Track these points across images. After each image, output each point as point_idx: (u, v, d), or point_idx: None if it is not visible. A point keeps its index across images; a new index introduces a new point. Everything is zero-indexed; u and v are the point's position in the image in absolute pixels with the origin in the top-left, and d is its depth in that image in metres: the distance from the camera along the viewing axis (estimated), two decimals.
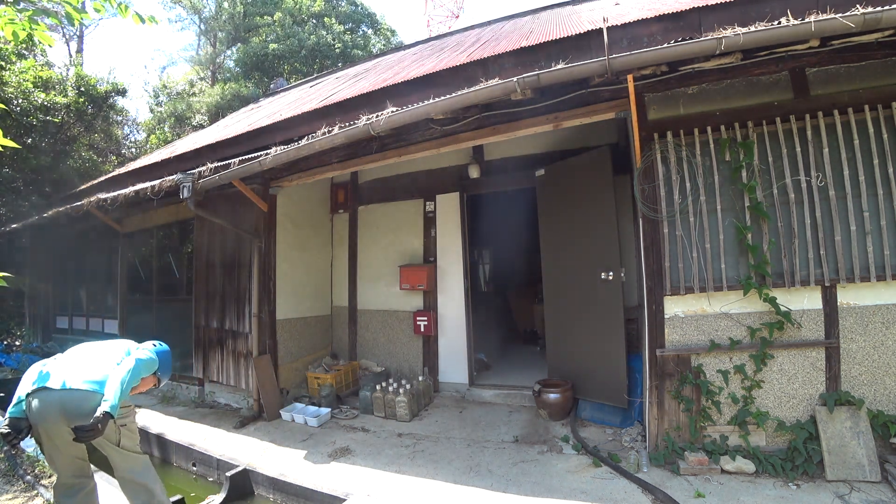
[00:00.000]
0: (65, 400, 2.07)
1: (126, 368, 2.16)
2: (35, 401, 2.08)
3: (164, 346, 2.65)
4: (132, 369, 2.17)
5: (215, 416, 4.71)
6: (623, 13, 3.93)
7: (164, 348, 2.64)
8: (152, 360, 2.43)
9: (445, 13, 20.73)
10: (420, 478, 3.17)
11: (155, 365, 2.46)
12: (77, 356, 2.31)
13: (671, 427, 3.17)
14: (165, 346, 2.66)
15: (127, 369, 2.15)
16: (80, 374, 2.16)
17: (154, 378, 2.52)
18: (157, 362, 2.47)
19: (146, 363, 2.36)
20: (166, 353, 2.63)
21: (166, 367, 2.61)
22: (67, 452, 2.22)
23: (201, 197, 4.31)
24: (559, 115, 3.50)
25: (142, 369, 2.30)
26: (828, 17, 2.37)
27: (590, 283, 4.11)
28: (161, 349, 2.60)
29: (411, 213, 5.54)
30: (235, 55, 17.12)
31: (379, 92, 3.97)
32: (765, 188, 3.08)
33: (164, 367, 2.57)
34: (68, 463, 2.26)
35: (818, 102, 3.01)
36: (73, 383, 2.11)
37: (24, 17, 2.46)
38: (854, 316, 2.92)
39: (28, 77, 8.41)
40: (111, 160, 11.56)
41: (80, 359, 2.29)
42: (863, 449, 2.74)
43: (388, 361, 5.50)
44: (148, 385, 2.52)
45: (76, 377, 2.14)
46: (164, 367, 2.58)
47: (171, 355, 2.68)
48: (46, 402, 2.07)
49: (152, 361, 2.43)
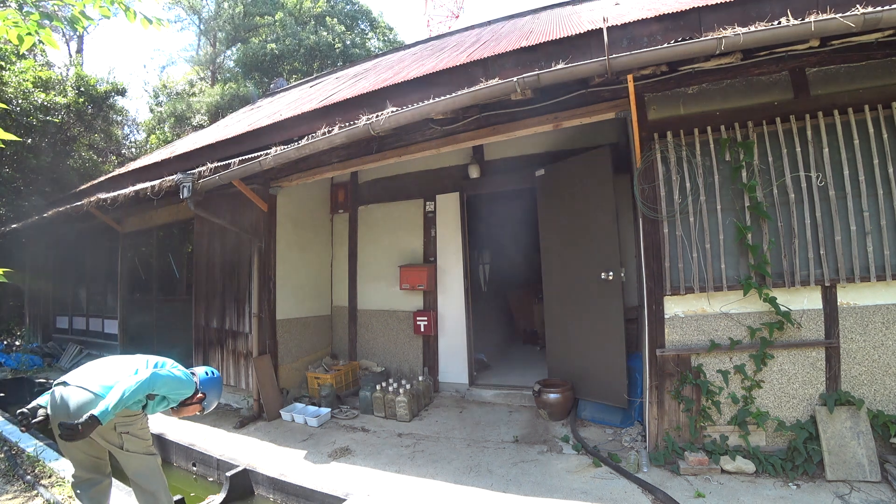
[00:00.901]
0: (74, 398, 2.12)
1: (136, 380, 2.14)
2: (55, 393, 2.16)
3: (215, 375, 2.63)
4: (142, 381, 2.15)
5: (215, 416, 4.70)
6: (623, 13, 3.93)
7: (215, 377, 2.62)
8: (179, 381, 2.35)
9: (445, 13, 20.70)
10: (420, 478, 3.17)
11: (186, 387, 2.40)
12: (108, 361, 2.38)
13: (671, 427, 3.17)
14: (217, 375, 2.65)
15: (137, 381, 2.14)
16: (99, 377, 2.21)
17: (198, 406, 2.53)
18: (190, 385, 2.42)
19: (169, 381, 2.28)
20: (215, 381, 2.60)
21: (214, 394, 2.59)
22: (76, 447, 2.26)
23: (201, 197, 4.30)
24: (559, 115, 3.50)
25: (160, 385, 2.23)
26: (828, 17, 2.37)
27: (590, 283, 4.11)
28: (210, 377, 2.59)
29: (411, 213, 5.54)
30: (235, 55, 17.13)
31: (379, 92, 3.97)
32: (765, 188, 3.08)
33: (210, 394, 2.56)
34: (80, 457, 2.31)
35: (818, 102, 3.01)
36: (88, 384, 2.16)
37: (30, 21, 2.46)
38: (854, 316, 2.92)
39: (28, 77, 8.43)
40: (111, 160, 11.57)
41: (108, 364, 2.34)
42: (863, 449, 2.74)
43: (388, 361, 5.50)
44: (191, 412, 2.53)
45: (94, 379, 2.19)
46: (211, 394, 2.57)
47: (220, 384, 2.65)
48: (61, 396, 2.14)
49: (179, 382, 2.35)
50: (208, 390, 2.56)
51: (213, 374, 2.63)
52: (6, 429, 4.17)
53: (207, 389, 2.55)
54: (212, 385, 2.59)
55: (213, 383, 2.60)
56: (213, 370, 2.66)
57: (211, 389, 2.57)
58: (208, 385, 2.56)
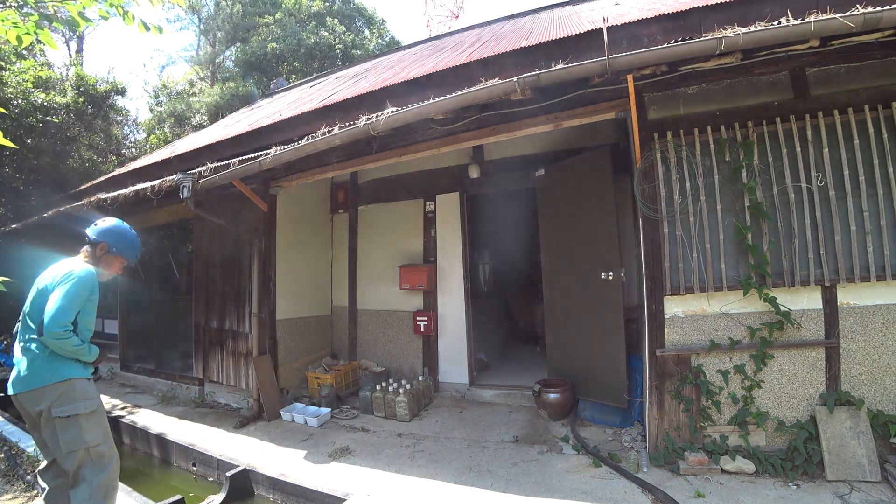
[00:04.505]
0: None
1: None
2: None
3: (111, 224, 2.43)
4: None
5: (215, 416, 4.71)
6: (623, 13, 3.93)
7: (109, 226, 2.41)
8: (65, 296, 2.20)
9: (445, 13, 20.72)
10: (420, 478, 3.17)
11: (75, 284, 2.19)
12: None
13: (671, 427, 3.17)
14: (114, 222, 2.45)
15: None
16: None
17: (114, 257, 2.41)
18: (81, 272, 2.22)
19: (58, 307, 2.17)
20: (112, 227, 2.41)
21: (117, 237, 2.40)
22: None
23: (201, 197, 4.30)
24: (559, 115, 3.50)
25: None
26: (828, 17, 2.37)
27: (590, 283, 4.11)
28: (105, 228, 2.39)
29: (411, 213, 5.54)
30: (235, 55, 17.13)
31: (379, 92, 3.97)
32: (765, 188, 3.08)
33: (114, 239, 2.39)
34: None
35: (818, 102, 3.01)
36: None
37: (29, 21, 2.46)
38: (854, 316, 2.92)
39: (28, 77, 8.42)
40: (111, 160, 11.55)
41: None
42: (863, 449, 2.75)
43: (388, 361, 5.50)
44: (114, 269, 2.43)
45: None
46: (115, 238, 2.39)
47: (120, 228, 2.44)
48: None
49: (67, 296, 2.20)
50: (106, 236, 2.37)
51: (104, 221, 2.42)
52: (6, 429, 4.17)
53: (105, 237, 2.37)
54: (106, 228, 2.38)
55: (107, 226, 2.39)
56: (104, 218, 2.46)
57: (108, 233, 2.38)
58: (102, 231, 2.37)
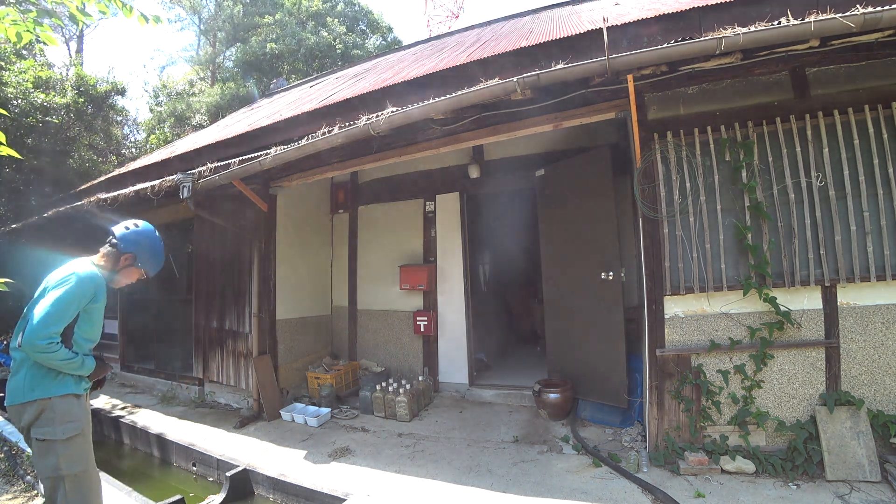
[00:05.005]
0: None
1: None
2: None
3: (141, 227, 2.19)
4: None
5: (215, 416, 4.70)
6: (623, 13, 3.93)
7: (141, 229, 2.18)
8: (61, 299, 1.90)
9: (445, 13, 20.73)
10: (420, 478, 3.17)
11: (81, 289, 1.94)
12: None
13: (671, 427, 3.17)
14: (145, 226, 2.21)
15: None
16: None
17: (135, 269, 2.20)
18: (86, 282, 1.98)
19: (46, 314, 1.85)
20: (142, 234, 2.15)
21: (145, 248, 2.16)
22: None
23: (201, 197, 4.31)
24: (559, 115, 3.50)
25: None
26: (828, 17, 2.37)
27: (590, 283, 4.11)
28: (134, 231, 2.15)
29: (411, 213, 5.54)
30: (235, 55, 17.13)
31: (379, 92, 3.97)
32: (765, 188, 3.08)
33: (141, 250, 2.15)
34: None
35: (818, 102, 3.01)
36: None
37: (27, 18, 2.46)
38: (854, 316, 2.92)
39: (28, 77, 8.41)
40: (111, 160, 11.55)
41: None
42: (863, 449, 2.74)
43: (388, 361, 5.50)
44: (131, 277, 2.21)
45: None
46: (142, 250, 2.15)
47: (151, 236, 2.20)
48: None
49: (64, 298, 1.90)
50: (135, 248, 2.12)
51: (137, 227, 2.15)
52: (6, 429, 4.17)
53: (134, 248, 2.12)
54: (138, 239, 2.12)
55: (139, 237, 2.12)
56: (136, 222, 2.19)
57: (138, 245, 2.13)
58: (132, 241, 2.11)
